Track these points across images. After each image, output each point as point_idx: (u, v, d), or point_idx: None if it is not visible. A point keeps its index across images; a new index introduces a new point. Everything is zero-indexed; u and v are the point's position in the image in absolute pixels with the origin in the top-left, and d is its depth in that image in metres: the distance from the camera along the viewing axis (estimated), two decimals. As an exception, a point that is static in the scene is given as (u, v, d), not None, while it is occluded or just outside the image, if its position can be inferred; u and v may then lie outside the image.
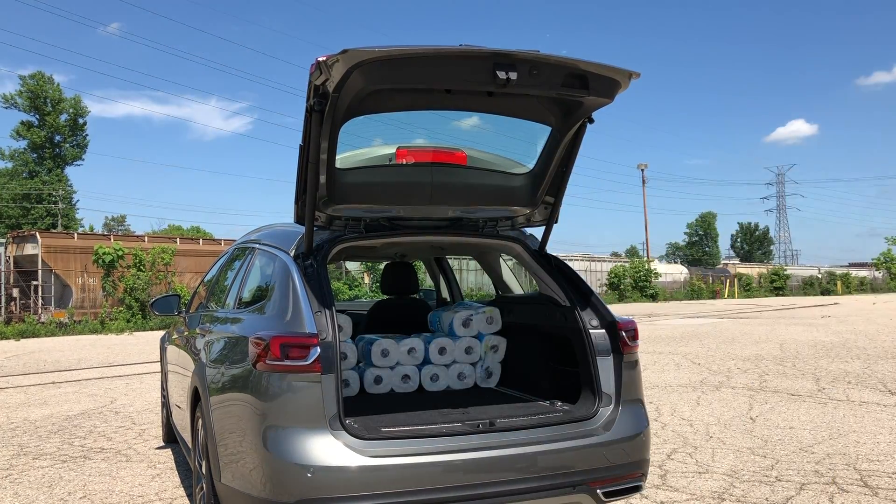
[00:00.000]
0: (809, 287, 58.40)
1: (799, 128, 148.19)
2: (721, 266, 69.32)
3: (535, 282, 3.81)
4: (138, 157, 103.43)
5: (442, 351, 3.99)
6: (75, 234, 25.71)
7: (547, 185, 3.45)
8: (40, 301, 22.57)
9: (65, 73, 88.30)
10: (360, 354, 3.95)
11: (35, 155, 51.61)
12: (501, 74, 2.54)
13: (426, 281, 7.46)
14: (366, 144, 3.24)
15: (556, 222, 3.62)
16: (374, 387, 3.90)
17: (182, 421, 4.30)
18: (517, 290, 4.50)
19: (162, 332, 10.75)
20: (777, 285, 56.49)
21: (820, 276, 63.42)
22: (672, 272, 52.73)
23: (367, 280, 29.12)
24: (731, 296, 50.62)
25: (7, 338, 19.75)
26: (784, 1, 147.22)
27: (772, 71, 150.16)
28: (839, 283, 60.29)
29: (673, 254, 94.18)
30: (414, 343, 3.97)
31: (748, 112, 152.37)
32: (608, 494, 2.98)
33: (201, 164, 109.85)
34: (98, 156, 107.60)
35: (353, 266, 28.61)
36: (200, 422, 3.39)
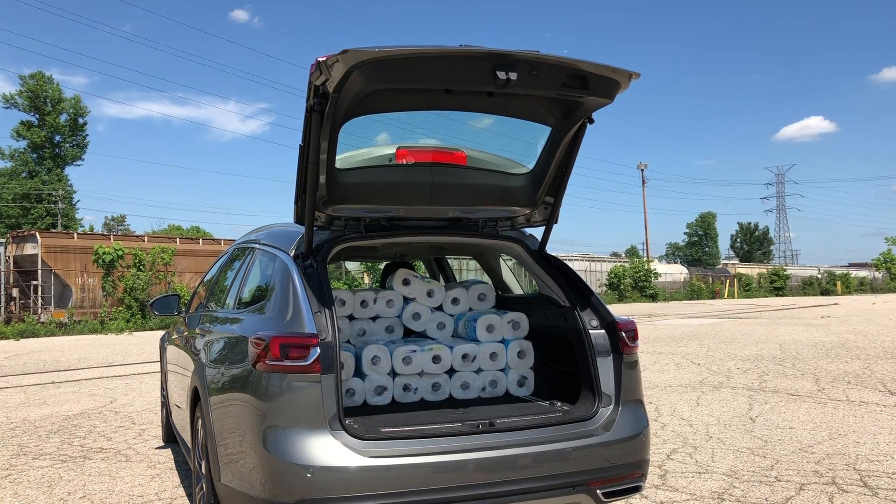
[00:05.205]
0: (809, 287, 58.42)
1: (806, 126, 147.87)
2: (721, 266, 69.32)
3: (534, 282, 3.80)
4: (138, 157, 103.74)
5: (436, 359, 3.74)
6: (75, 234, 25.70)
7: (547, 185, 3.45)
8: (40, 301, 22.56)
9: (85, 76, 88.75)
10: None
11: (35, 155, 51.59)
12: (501, 75, 2.54)
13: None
14: (366, 144, 3.24)
15: (556, 222, 3.62)
16: (376, 398, 3.76)
17: (182, 421, 4.30)
18: (517, 290, 4.49)
19: (161, 332, 10.74)
20: (777, 285, 56.50)
21: (820, 276, 63.43)
22: (672, 272, 52.72)
23: (367, 280, 29.12)
24: (731, 296, 50.62)
25: (7, 338, 19.75)
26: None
27: (776, 69, 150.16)
28: (839, 283, 60.31)
29: (673, 254, 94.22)
30: (408, 351, 3.71)
31: (751, 112, 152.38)
32: (608, 495, 2.98)
33: (208, 165, 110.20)
34: (98, 156, 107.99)
35: (353, 266, 28.61)
36: (200, 422, 3.39)
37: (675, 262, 72.48)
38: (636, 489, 3.12)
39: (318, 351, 2.71)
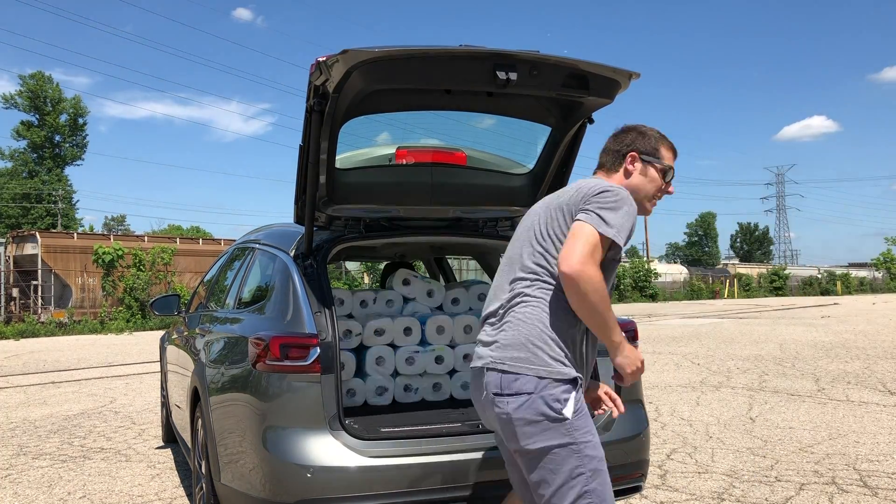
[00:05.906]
0: (809, 287, 58.43)
1: (807, 125, 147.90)
2: (721, 266, 69.32)
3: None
4: (140, 158, 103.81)
5: (439, 360, 3.72)
6: (75, 234, 25.70)
7: (547, 185, 3.45)
8: (40, 301, 22.56)
9: (88, 76, 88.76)
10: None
11: (35, 155, 51.59)
12: (501, 75, 2.54)
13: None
14: (366, 144, 3.24)
15: (555, 223, 3.61)
16: (377, 398, 3.76)
17: (182, 421, 4.30)
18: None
19: (161, 332, 10.74)
20: (776, 285, 56.52)
21: (819, 276, 63.45)
22: (672, 272, 52.73)
23: (366, 280, 29.13)
24: (731, 296, 50.62)
25: (7, 338, 19.75)
26: None
27: (776, 69, 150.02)
28: (839, 283, 60.32)
29: (673, 254, 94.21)
30: (411, 351, 3.68)
31: (752, 111, 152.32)
32: (608, 495, 2.98)
33: (210, 165, 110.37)
34: (98, 156, 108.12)
35: (353, 266, 28.63)
36: (200, 422, 3.39)
37: (675, 262, 72.50)
38: (636, 489, 3.12)
39: (318, 351, 2.71)
